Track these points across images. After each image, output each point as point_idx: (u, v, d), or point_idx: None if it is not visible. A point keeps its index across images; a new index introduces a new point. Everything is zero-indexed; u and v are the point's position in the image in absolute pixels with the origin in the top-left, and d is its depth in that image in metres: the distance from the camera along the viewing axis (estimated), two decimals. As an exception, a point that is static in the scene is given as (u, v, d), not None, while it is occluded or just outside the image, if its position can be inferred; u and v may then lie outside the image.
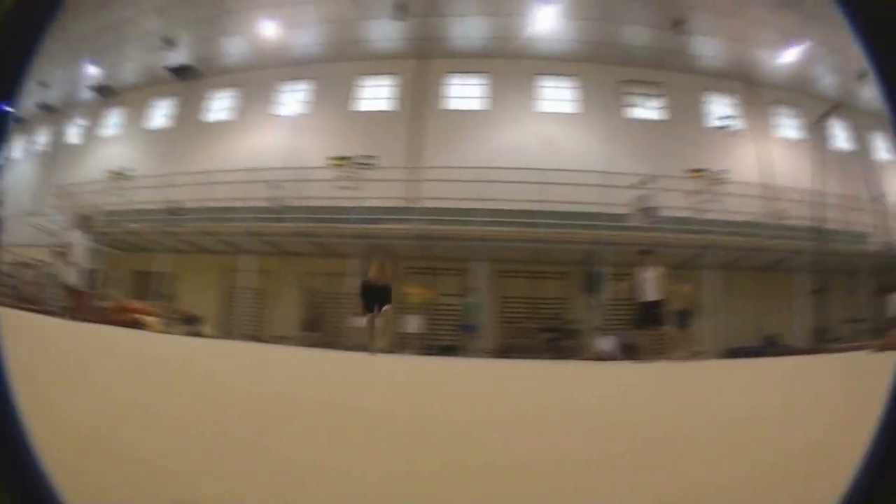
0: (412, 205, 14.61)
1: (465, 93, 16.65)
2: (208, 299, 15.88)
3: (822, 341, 15.16)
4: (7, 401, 0.56)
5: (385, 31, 16.34)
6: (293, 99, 17.42)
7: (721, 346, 14.51)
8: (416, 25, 15.98)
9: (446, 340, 14.19)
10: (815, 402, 2.53)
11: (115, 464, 1.05)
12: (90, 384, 2.21)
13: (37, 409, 0.64)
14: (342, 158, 15.49)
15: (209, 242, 15.75)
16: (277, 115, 17.48)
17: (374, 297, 8.62)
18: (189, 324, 14.47)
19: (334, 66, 16.93)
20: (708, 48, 17.03)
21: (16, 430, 0.54)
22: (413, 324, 14.05)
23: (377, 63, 16.78)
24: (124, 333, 8.20)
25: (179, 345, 7.55)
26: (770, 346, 14.86)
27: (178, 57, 18.32)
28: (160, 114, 18.97)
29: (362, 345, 8.78)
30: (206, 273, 16.11)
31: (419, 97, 16.38)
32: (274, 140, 16.78)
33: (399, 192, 14.95)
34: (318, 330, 14.39)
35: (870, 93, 19.34)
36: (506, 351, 13.56)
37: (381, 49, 16.74)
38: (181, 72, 18.75)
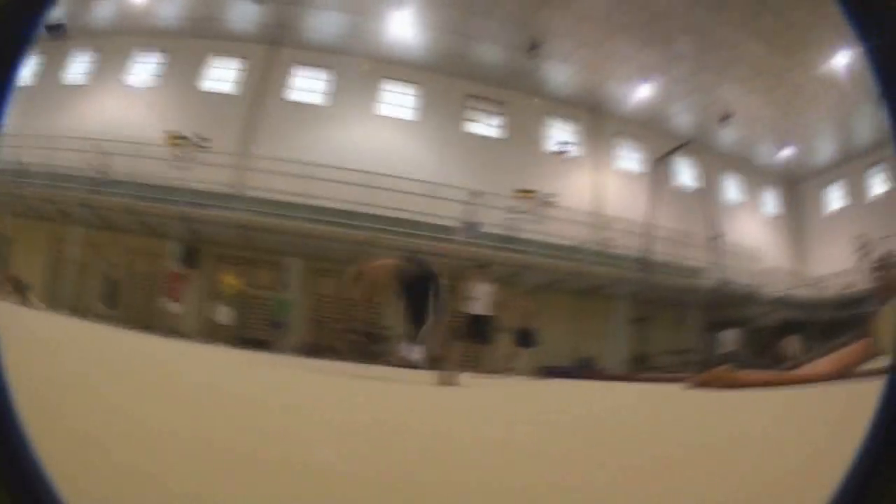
0: (237, 192, 14.31)
1: (309, 86, 16.46)
2: (38, 267, 15.45)
3: (639, 369, 15.47)
4: (4, 398, 0.55)
5: (242, 13, 15.99)
6: (144, 70, 16.98)
7: (535, 365, 14.89)
8: (272, 11, 15.70)
9: (257, 334, 13.85)
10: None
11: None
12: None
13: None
14: (179, 137, 15.16)
15: (46, 209, 15.30)
16: (128, 85, 16.99)
17: None
18: (18, 290, 14.06)
19: (188, 42, 16.50)
20: (560, 74, 17.24)
21: (13, 426, 0.52)
22: (224, 314, 13.91)
23: (229, 44, 16.41)
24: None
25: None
26: (583, 369, 15.11)
27: (54, 13, 17.64)
28: (27, 71, 18.26)
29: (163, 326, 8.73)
30: (39, 240, 15.66)
31: (262, 84, 16.10)
32: (118, 110, 16.32)
33: (228, 178, 14.57)
34: (116, 308, 14.03)
35: (728, 136, 20.13)
36: (313, 350, 13.29)
37: (235, 30, 16.38)
38: (53, 30, 18.10)
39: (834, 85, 18.15)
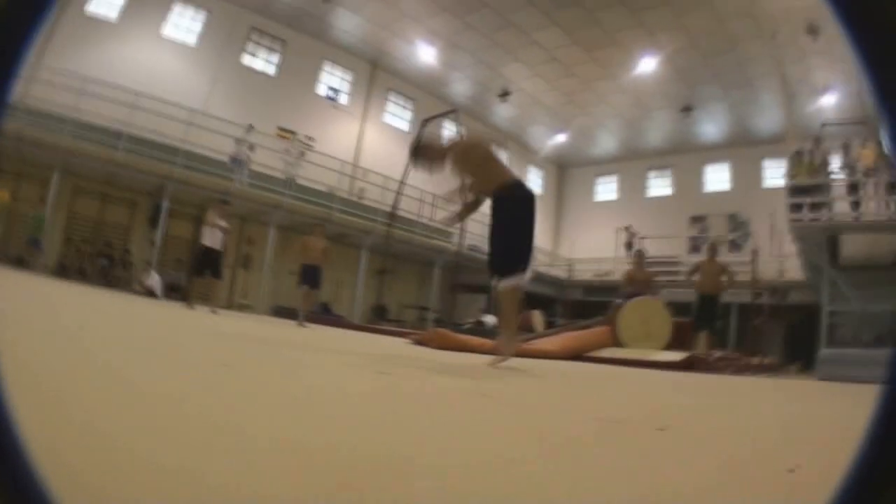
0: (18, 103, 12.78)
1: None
2: None
3: (377, 319, 16.36)
4: None
5: None
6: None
7: (269, 304, 15.32)
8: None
9: (16, 252, 13.01)
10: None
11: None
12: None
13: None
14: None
15: None
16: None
17: None
18: None
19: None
20: (348, 23, 17.44)
21: (3, 423, 0.49)
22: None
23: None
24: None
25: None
26: (321, 314, 15.11)
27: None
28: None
29: None
30: None
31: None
32: None
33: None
34: None
35: (504, 112, 21.00)
36: (61, 271, 13.06)
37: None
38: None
39: (628, 89, 19.15)
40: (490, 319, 15.86)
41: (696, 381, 5.12)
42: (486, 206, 3.99)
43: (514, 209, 3.80)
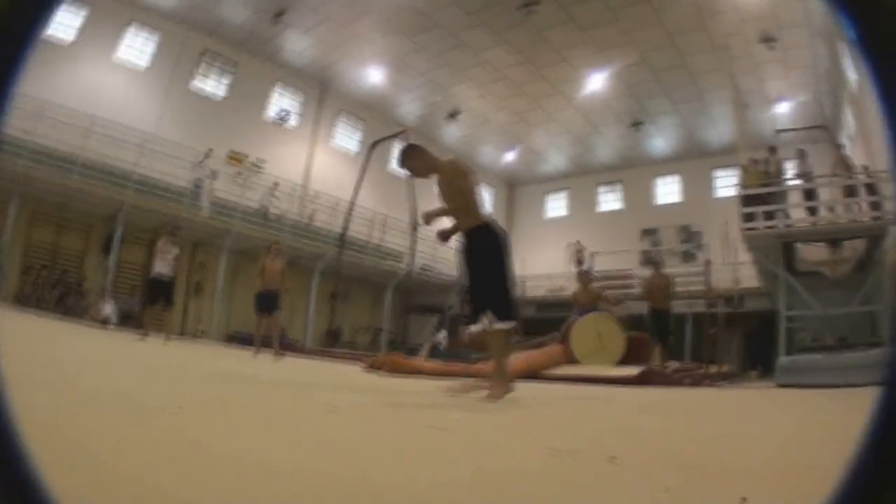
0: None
1: (64, 20, 14.60)
2: None
3: (331, 343, 16.21)
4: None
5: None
6: None
7: (223, 331, 15.15)
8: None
9: None
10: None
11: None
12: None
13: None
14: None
15: None
16: None
17: None
18: None
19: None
20: (298, 44, 17.35)
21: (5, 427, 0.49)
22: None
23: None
24: None
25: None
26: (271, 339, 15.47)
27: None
28: None
29: None
30: None
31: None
32: None
33: None
34: None
35: (453, 132, 21.07)
36: (21, 300, 12.50)
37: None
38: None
39: (577, 106, 19.39)
40: (442, 338, 15.90)
41: (652, 398, 5.01)
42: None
43: (504, 250, 3.78)
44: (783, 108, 16.98)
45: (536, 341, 12.33)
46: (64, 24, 14.56)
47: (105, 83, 14.99)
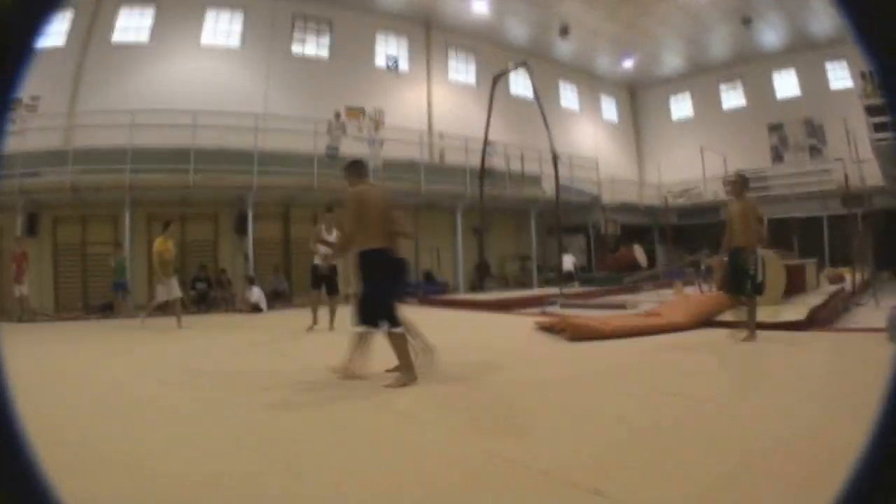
0: (65, 150, 12.56)
1: (131, 23, 14.61)
2: None
3: (482, 277, 15.67)
4: (4, 401, 0.56)
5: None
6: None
7: None
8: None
9: (102, 299, 12.58)
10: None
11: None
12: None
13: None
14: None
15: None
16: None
17: None
18: None
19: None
20: None
21: (11, 429, 0.53)
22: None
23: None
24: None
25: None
26: (425, 284, 15.31)
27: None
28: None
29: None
30: None
31: (83, 30, 14.06)
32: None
33: (56, 140, 12.96)
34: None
35: (569, 47, 20.74)
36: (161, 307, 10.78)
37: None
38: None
39: (685, 6, 18.73)
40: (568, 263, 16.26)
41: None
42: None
43: (398, 271, 4.41)
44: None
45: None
46: (137, 28, 14.49)
47: (198, 70, 14.89)
